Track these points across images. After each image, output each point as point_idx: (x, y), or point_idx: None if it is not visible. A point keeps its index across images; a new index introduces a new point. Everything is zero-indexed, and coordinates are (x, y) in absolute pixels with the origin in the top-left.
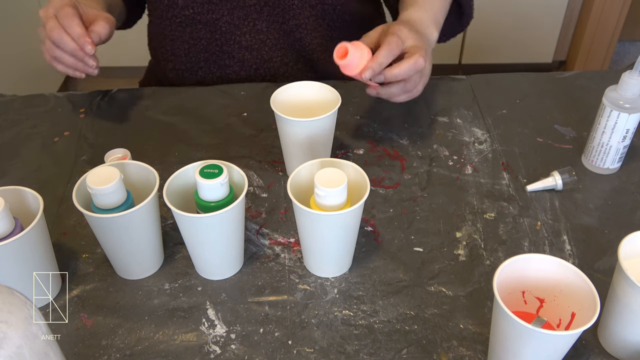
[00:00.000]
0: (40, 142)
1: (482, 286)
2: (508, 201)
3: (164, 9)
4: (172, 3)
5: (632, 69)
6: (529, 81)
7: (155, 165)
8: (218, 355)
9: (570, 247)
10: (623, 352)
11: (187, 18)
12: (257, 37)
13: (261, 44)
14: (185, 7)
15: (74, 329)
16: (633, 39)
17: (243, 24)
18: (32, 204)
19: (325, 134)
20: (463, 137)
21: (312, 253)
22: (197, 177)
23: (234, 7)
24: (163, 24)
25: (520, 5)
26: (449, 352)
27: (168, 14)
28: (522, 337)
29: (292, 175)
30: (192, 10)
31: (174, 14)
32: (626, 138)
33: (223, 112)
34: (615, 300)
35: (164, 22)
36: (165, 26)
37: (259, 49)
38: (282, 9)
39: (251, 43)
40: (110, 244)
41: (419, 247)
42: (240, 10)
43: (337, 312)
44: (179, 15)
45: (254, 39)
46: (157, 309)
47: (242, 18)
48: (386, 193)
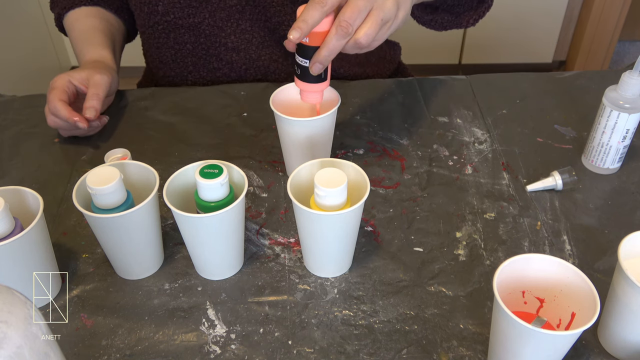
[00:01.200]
0: (40, 142)
1: (482, 286)
2: (508, 201)
3: (145, 17)
4: (153, 10)
5: (632, 69)
6: (529, 81)
7: (155, 165)
8: (218, 355)
9: (570, 247)
10: (623, 352)
11: (170, 24)
12: (243, 37)
13: (247, 43)
14: (166, 12)
15: (74, 329)
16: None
17: (227, 25)
18: (32, 204)
19: (325, 134)
20: (463, 137)
21: (312, 253)
22: (197, 177)
23: (216, 9)
24: (147, 32)
25: (520, 5)
26: (449, 352)
27: (150, 21)
28: (522, 337)
29: (292, 175)
30: (173, 15)
31: (155, 20)
32: (626, 138)
33: (223, 112)
34: (615, 300)
35: (148, 30)
36: (150, 34)
37: (246, 49)
38: (263, 7)
39: (237, 44)
40: (110, 244)
41: (419, 247)
42: (222, 11)
43: (337, 312)
44: (160, 21)
45: (240, 39)
46: (157, 309)
47: (225, 19)
48: (386, 193)
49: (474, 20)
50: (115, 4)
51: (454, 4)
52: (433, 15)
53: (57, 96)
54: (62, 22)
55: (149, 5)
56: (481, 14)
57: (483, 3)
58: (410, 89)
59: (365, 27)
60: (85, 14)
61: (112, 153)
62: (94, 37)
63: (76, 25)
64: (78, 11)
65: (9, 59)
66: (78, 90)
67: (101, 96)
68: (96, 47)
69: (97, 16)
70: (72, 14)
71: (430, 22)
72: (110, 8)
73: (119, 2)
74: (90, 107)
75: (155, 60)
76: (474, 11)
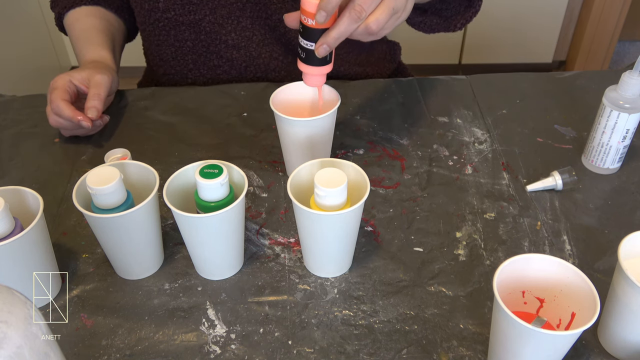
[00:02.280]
0: (40, 142)
1: (482, 286)
2: (508, 201)
3: (146, 14)
4: (153, 7)
5: (632, 69)
6: (529, 81)
7: (155, 165)
8: (218, 355)
9: (570, 247)
10: (623, 352)
11: (170, 21)
12: (243, 35)
13: (248, 41)
14: (167, 9)
15: (74, 329)
16: (633, 39)
17: (227, 23)
18: (32, 204)
19: (325, 134)
20: (463, 137)
21: (312, 253)
22: (197, 177)
23: (216, 6)
24: (148, 29)
25: (520, 5)
26: (449, 352)
27: (150, 18)
28: (522, 337)
29: (292, 175)
30: (174, 12)
31: (156, 17)
32: (626, 138)
33: (223, 112)
34: (615, 300)
35: (148, 28)
36: (150, 31)
37: (247, 46)
38: (264, 5)
39: (237, 41)
40: (110, 244)
41: (419, 247)
42: (223, 8)
43: (337, 312)
44: (161, 18)
45: (240, 37)
46: (157, 309)
47: (226, 17)
48: (386, 193)
49: (461, 24)
50: (115, 4)
51: (442, 8)
52: (423, 17)
53: (60, 96)
54: (63, 22)
55: (150, 2)
56: (468, 19)
57: (470, 7)
58: (410, 89)
59: (377, 14)
60: (86, 13)
61: (112, 153)
62: (94, 37)
63: (76, 25)
64: (78, 10)
65: (9, 58)
66: (79, 90)
67: (102, 96)
68: (96, 47)
69: (97, 16)
70: (73, 14)
71: (420, 23)
72: (111, 7)
73: (119, 2)
74: (92, 107)
75: (156, 58)
76: (462, 15)
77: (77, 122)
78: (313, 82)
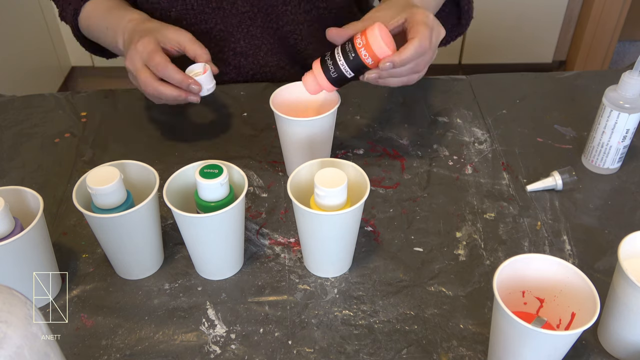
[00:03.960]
0: (40, 142)
1: (482, 286)
2: (508, 201)
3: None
4: (165, 15)
5: (632, 69)
6: (529, 81)
7: (155, 165)
8: (218, 355)
9: (570, 247)
10: (623, 352)
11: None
12: (252, 43)
13: (256, 49)
14: (178, 19)
15: (74, 329)
16: (633, 39)
17: (237, 31)
18: (32, 204)
19: (325, 134)
20: (463, 137)
21: (312, 253)
22: (197, 177)
23: (227, 15)
24: None
25: (520, 5)
26: (449, 352)
27: None
28: (522, 337)
29: (292, 175)
30: (186, 21)
31: None
32: (626, 138)
33: (223, 112)
34: (615, 300)
35: None
36: None
37: (255, 54)
38: (275, 15)
39: (246, 49)
40: (110, 244)
41: (419, 247)
42: (234, 17)
43: (337, 312)
44: None
45: (249, 45)
46: (157, 309)
47: (236, 25)
48: (386, 193)
49: (445, 40)
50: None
51: None
52: None
53: (166, 59)
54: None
55: (161, 11)
56: (453, 37)
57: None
58: (411, 89)
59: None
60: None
61: (192, 69)
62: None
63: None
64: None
65: (9, 58)
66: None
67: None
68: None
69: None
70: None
71: None
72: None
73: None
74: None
75: None
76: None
77: (187, 86)
78: (316, 92)
